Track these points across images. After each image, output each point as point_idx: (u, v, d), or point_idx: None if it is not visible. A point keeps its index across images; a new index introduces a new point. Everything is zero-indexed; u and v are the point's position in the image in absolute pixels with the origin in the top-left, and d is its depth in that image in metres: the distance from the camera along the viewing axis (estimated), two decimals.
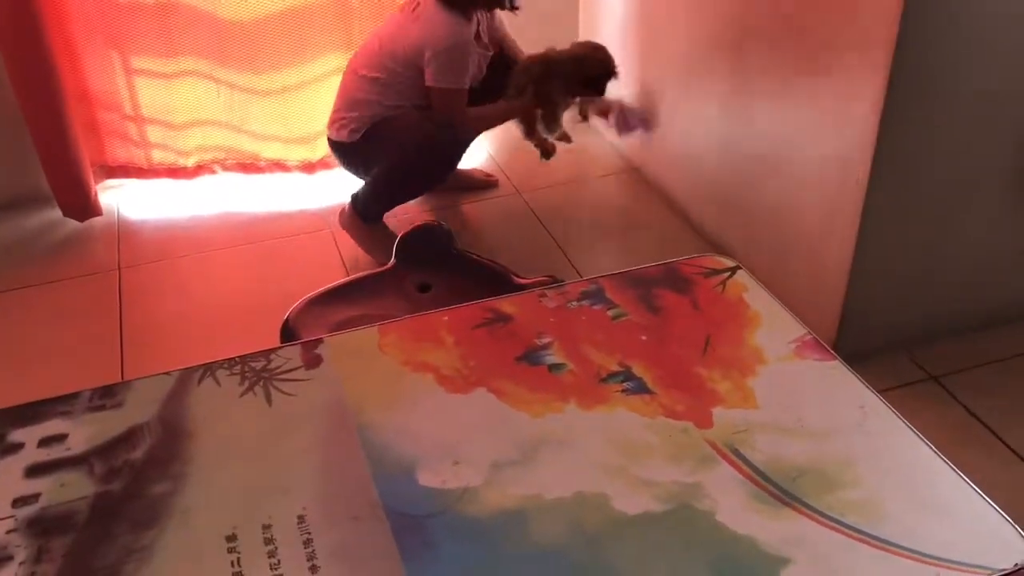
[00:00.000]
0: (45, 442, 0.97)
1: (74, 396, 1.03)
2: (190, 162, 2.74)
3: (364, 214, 2.43)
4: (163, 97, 2.61)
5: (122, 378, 2.03)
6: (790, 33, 2.00)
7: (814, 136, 1.98)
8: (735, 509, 0.88)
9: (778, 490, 0.90)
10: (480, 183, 2.79)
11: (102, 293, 2.34)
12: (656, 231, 2.58)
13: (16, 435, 0.98)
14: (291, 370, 1.06)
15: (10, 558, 0.84)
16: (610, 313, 1.14)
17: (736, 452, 0.94)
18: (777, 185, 2.15)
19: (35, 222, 2.65)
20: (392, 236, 2.45)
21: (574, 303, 1.17)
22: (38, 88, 2.39)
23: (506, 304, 1.17)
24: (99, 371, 2.06)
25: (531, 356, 1.08)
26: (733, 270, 1.23)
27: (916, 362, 2.03)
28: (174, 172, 2.74)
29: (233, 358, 1.08)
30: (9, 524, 0.87)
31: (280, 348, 1.10)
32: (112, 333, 2.19)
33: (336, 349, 1.10)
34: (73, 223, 2.60)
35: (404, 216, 2.54)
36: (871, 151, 1.79)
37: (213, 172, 2.77)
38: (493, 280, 1.72)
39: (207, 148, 2.73)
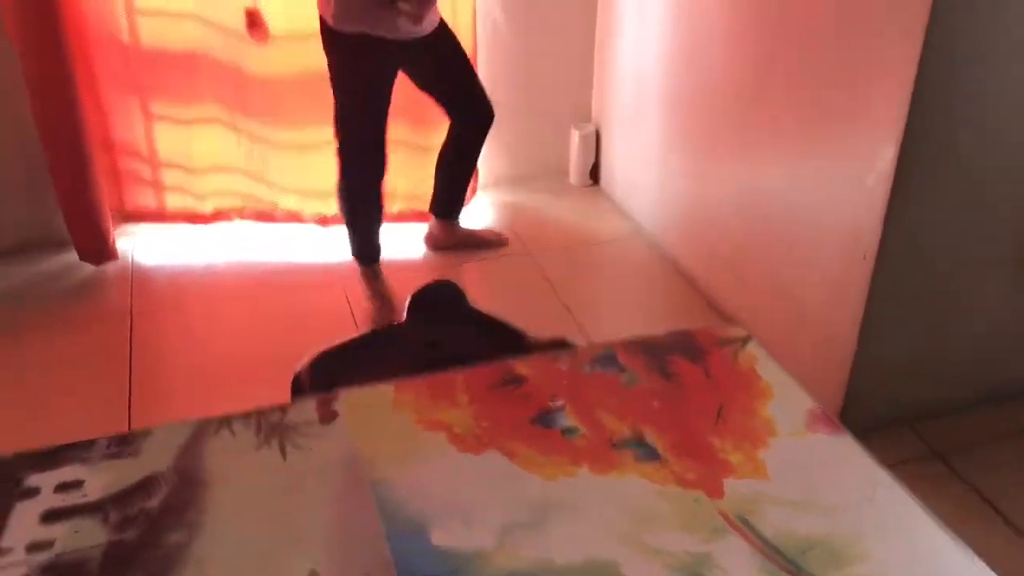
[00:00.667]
0: (62, 488, 0.97)
1: (91, 443, 1.04)
2: (207, 207, 2.78)
3: (355, 255, 2.53)
4: (183, 142, 2.67)
5: (129, 425, 2.03)
6: (802, 103, 2.04)
7: (823, 207, 2.01)
8: None
9: (788, 563, 0.90)
10: (490, 242, 2.81)
11: (113, 339, 2.36)
12: (663, 296, 2.60)
13: (33, 480, 0.99)
14: (306, 424, 1.08)
15: None
16: (623, 378, 1.16)
17: (747, 523, 0.95)
18: (786, 254, 2.17)
19: (51, 265, 2.68)
20: (385, 290, 2.51)
21: (587, 367, 1.18)
22: (64, 136, 2.44)
23: (520, 366, 1.19)
24: (106, 416, 2.07)
25: (544, 418, 1.09)
26: (744, 340, 1.24)
27: (921, 437, 2.03)
28: (191, 217, 2.78)
29: (249, 411, 1.09)
30: (23, 570, 0.88)
31: (296, 402, 1.11)
32: (121, 379, 2.20)
33: (351, 404, 1.11)
34: (88, 267, 2.63)
35: (414, 275, 2.57)
36: (880, 226, 1.82)
37: (229, 219, 2.81)
38: (505, 340, 1.73)
39: (225, 194, 2.78)
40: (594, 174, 3.18)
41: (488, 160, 3.09)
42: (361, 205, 2.48)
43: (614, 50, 2.94)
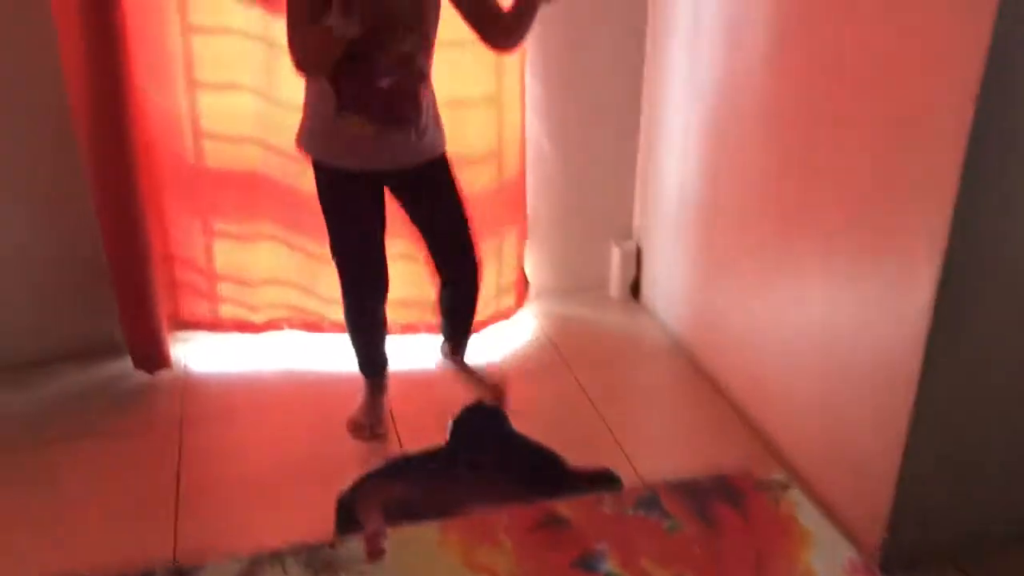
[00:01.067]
0: None
1: (148, 575, 1.08)
2: (260, 318, 2.87)
3: (359, 368, 2.50)
4: (239, 256, 2.77)
5: (175, 542, 2.07)
6: (843, 227, 2.07)
7: (864, 333, 2.02)
8: None
9: None
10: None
11: (163, 448, 2.42)
12: (702, 414, 2.61)
13: None
14: (355, 561, 1.11)
15: None
16: (665, 525, 1.18)
17: None
18: (825, 378, 2.19)
19: (104, 372, 2.77)
20: (379, 405, 2.48)
21: (630, 511, 1.21)
22: (127, 247, 2.55)
23: (563, 507, 1.21)
24: (153, 530, 2.11)
25: (587, 562, 1.12)
26: (785, 486, 1.26)
27: (964, 574, 2.00)
28: (243, 326, 2.87)
29: (300, 546, 1.13)
30: None
31: (345, 538, 1.15)
32: (168, 491, 2.25)
33: (398, 542, 1.15)
34: (140, 374, 2.71)
35: (451, 392, 2.59)
36: (920, 358, 1.83)
37: (280, 328, 2.90)
38: (546, 467, 1.76)
39: (276, 305, 2.87)
40: (635, 289, 3.23)
41: (530, 272, 3.17)
42: (359, 323, 2.43)
43: (657, 168, 3.03)
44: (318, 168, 2.22)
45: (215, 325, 2.88)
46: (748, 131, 2.44)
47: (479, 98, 2.71)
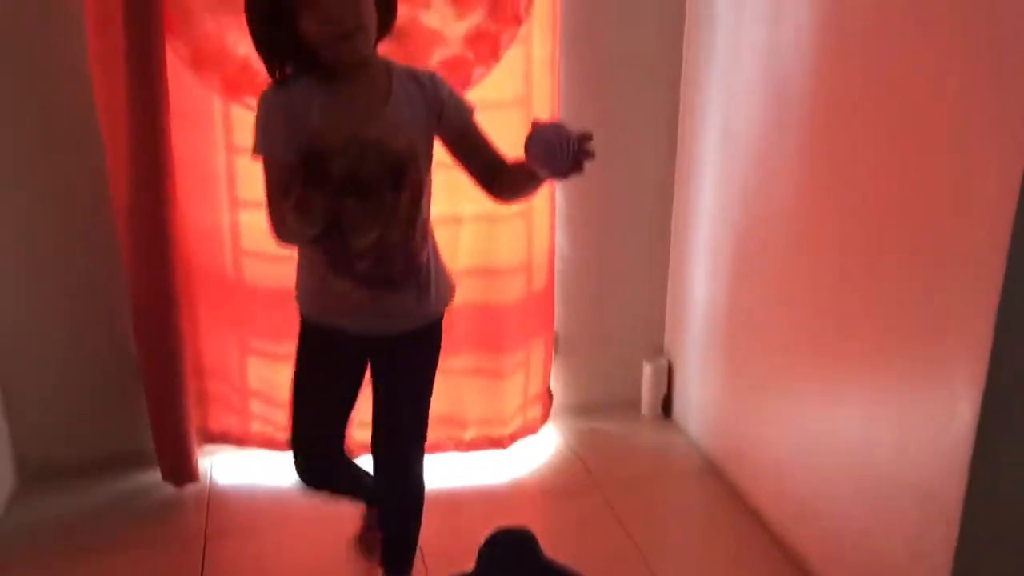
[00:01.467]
0: None
1: None
2: (286, 436, 2.85)
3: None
4: (270, 374, 2.78)
5: None
6: (881, 344, 2.04)
7: (902, 459, 1.97)
8: None
9: None
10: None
11: (186, 563, 2.39)
12: (734, 536, 2.55)
13: None
14: None
15: None
16: None
17: None
18: (862, 504, 2.13)
19: (131, 483, 2.76)
20: (369, 534, 2.28)
21: None
22: (162, 359, 2.58)
23: None
24: None
25: None
26: None
27: None
28: (270, 443, 2.86)
29: None
30: None
31: None
32: None
33: None
34: (167, 487, 2.70)
35: (485, 508, 2.55)
36: (963, 486, 1.78)
37: None
38: None
39: None
40: (666, 406, 3.20)
41: (559, 388, 3.16)
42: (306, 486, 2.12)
43: (687, 284, 3.05)
44: (304, 323, 1.96)
45: (243, 440, 2.88)
46: (780, 251, 2.45)
47: (509, 213, 2.76)
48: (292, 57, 1.75)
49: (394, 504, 2.08)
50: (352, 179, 1.75)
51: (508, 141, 1.90)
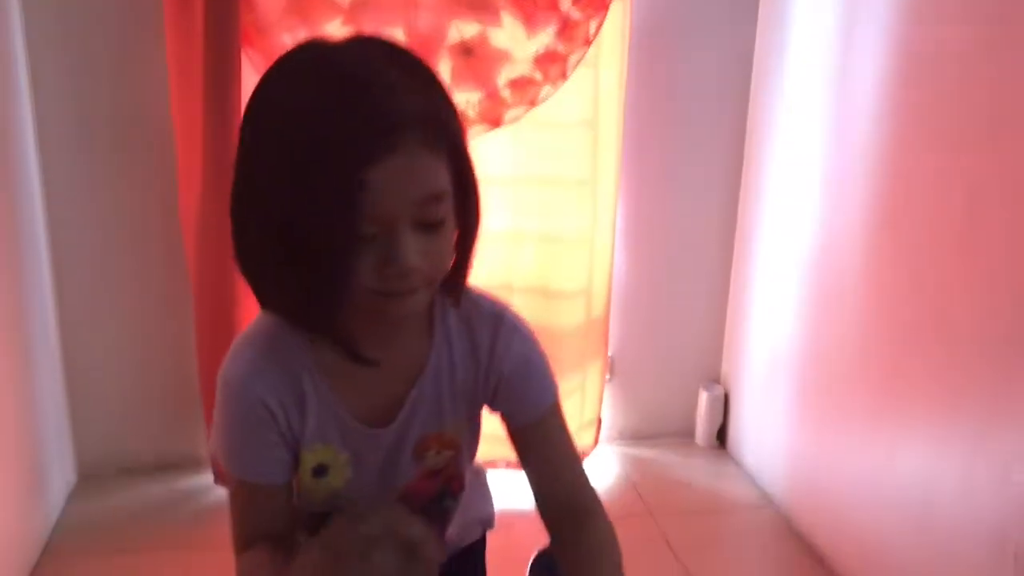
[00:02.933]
0: None
1: None
2: None
3: None
4: None
5: None
6: (943, 385, 1.99)
7: (965, 498, 1.92)
8: None
9: None
10: None
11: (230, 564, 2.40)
12: (788, 572, 2.48)
13: None
14: None
15: None
16: None
17: None
18: (923, 544, 2.07)
19: (186, 485, 2.80)
20: None
21: None
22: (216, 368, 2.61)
23: None
24: None
25: None
26: None
27: None
28: None
29: None
30: None
31: None
32: None
33: None
34: (220, 490, 2.73)
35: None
36: None
37: None
38: None
39: None
40: (721, 436, 3.15)
41: (613, 414, 3.13)
42: None
43: (747, 313, 3.00)
44: None
45: None
46: (847, 283, 2.40)
47: (572, 238, 2.76)
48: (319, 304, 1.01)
49: None
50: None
51: (573, 161, 1.88)
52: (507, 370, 1.17)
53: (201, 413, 2.72)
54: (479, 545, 1.50)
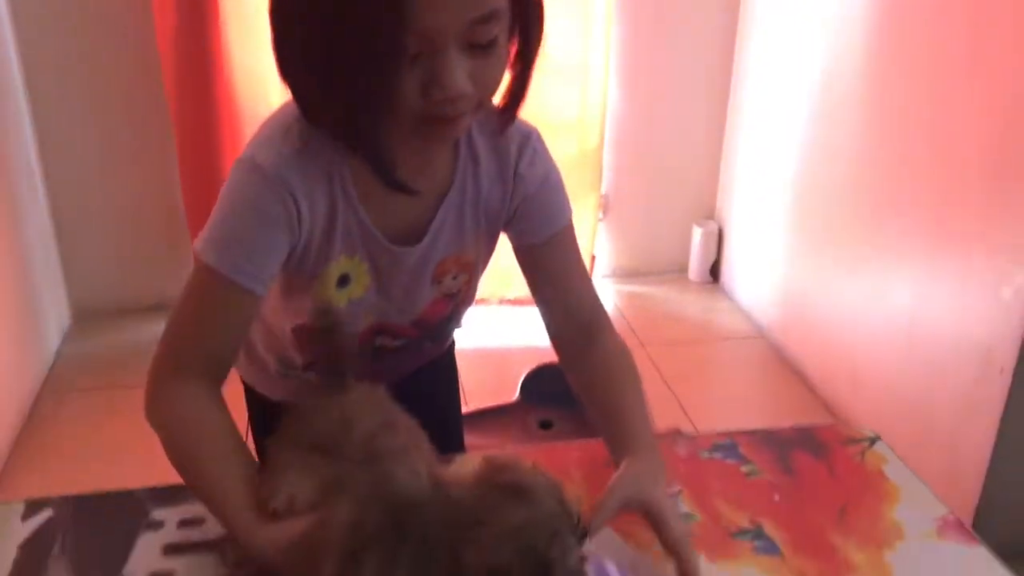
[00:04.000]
0: (184, 523, 1.01)
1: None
2: None
3: None
4: None
5: None
6: (936, 209, 1.99)
7: (954, 318, 1.94)
8: None
9: None
10: None
11: (231, 397, 2.43)
12: (779, 398, 2.53)
13: (159, 513, 1.02)
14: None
15: None
16: (744, 469, 1.13)
17: None
18: (913, 365, 2.10)
19: None
20: None
21: (706, 453, 1.16)
22: (206, 201, 2.57)
23: None
24: None
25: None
26: (872, 441, 1.20)
27: None
28: None
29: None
30: None
31: None
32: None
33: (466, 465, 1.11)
34: None
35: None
36: (1018, 341, 1.74)
37: None
38: None
39: None
40: (715, 272, 3.16)
41: (607, 251, 3.12)
42: None
43: (742, 148, 2.95)
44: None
45: None
46: (843, 113, 2.35)
47: (564, 65, 2.67)
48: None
49: None
50: None
51: None
52: (530, 188, 1.11)
53: (191, 255, 2.70)
54: (450, 348, 1.42)
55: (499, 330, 2.79)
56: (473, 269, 1.16)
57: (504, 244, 1.16)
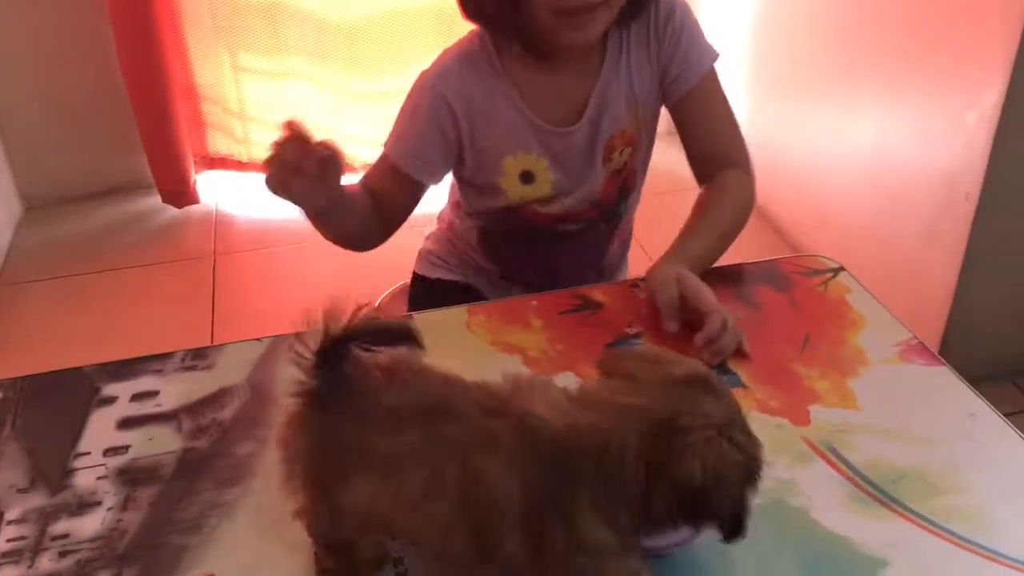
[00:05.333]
0: (137, 397, 0.98)
1: (167, 356, 1.04)
2: None
3: None
4: (265, 93, 2.68)
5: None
6: (900, 37, 1.93)
7: (920, 148, 1.91)
8: (831, 508, 0.84)
9: (877, 491, 0.85)
10: None
11: (196, 279, 2.40)
12: (752, 247, 2.50)
13: (110, 389, 1.00)
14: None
15: (99, 503, 0.85)
16: None
17: (833, 451, 0.90)
18: (878, 198, 2.08)
19: (136, 207, 2.74)
20: None
21: None
22: (147, 81, 2.48)
23: (596, 292, 1.15)
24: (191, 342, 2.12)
25: (621, 344, 1.06)
26: (836, 271, 1.18)
27: (1022, 391, 1.94)
28: None
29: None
30: (100, 471, 0.89)
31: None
32: (204, 317, 2.24)
33: (425, 326, 1.09)
34: (172, 210, 2.68)
35: None
36: (983, 166, 1.72)
37: None
38: None
39: None
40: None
41: None
42: None
43: None
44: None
45: (242, 165, 2.81)
46: None
47: None
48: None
49: None
50: None
51: None
52: (672, 47, 1.22)
53: (138, 138, 2.60)
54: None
55: None
56: (637, 143, 1.27)
57: None
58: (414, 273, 1.49)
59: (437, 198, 1.37)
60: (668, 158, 2.95)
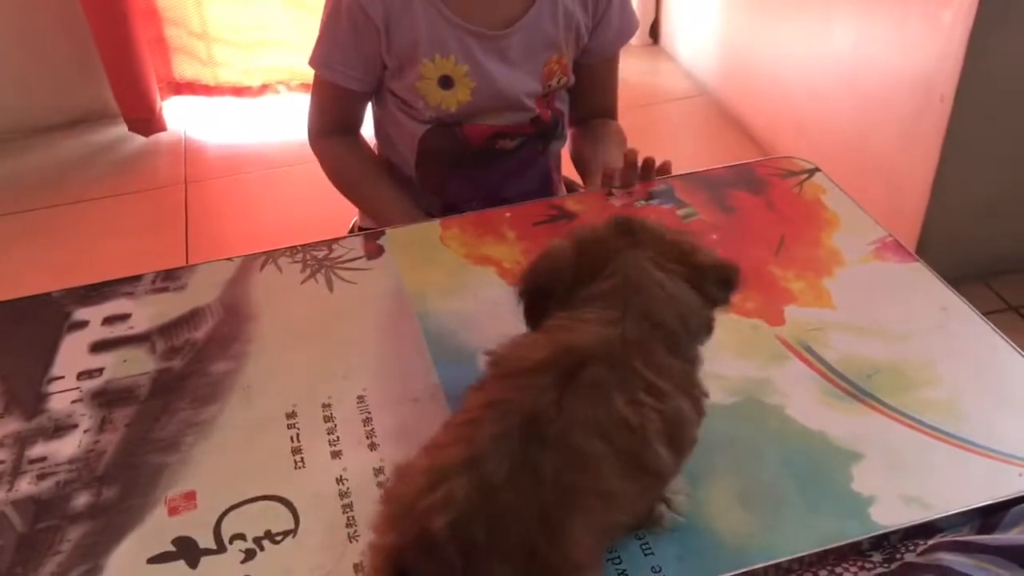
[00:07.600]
0: (109, 320, 0.97)
1: (137, 278, 1.03)
2: (255, 82, 2.73)
3: None
4: (232, 16, 2.60)
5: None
6: None
7: (895, 50, 1.89)
8: (806, 404, 0.84)
9: (851, 387, 0.86)
10: None
11: (168, 207, 2.37)
12: (726, 153, 2.51)
13: (81, 313, 0.98)
14: (352, 259, 1.05)
15: (75, 426, 0.85)
16: (680, 212, 1.10)
17: (808, 349, 0.90)
18: (854, 103, 2.06)
19: (102, 137, 2.68)
20: None
21: (642, 202, 1.13)
22: (106, 4, 2.39)
23: (570, 202, 1.14)
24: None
25: None
26: (811, 172, 1.17)
27: (996, 292, 1.95)
28: (239, 91, 2.73)
29: (295, 246, 1.07)
30: (74, 395, 0.88)
31: (342, 239, 1.09)
32: (178, 247, 2.22)
33: (398, 240, 1.08)
34: (139, 139, 2.63)
35: None
36: (959, 65, 1.71)
37: (277, 92, 2.76)
38: None
39: (273, 69, 2.72)
40: (654, 32, 3.04)
41: None
42: None
43: None
44: None
45: (209, 90, 2.75)
46: None
47: None
48: None
49: None
50: None
51: None
52: (605, 3, 1.23)
53: (100, 64, 2.53)
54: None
55: None
56: (569, 74, 1.26)
57: None
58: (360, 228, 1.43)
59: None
60: (642, 68, 2.93)
